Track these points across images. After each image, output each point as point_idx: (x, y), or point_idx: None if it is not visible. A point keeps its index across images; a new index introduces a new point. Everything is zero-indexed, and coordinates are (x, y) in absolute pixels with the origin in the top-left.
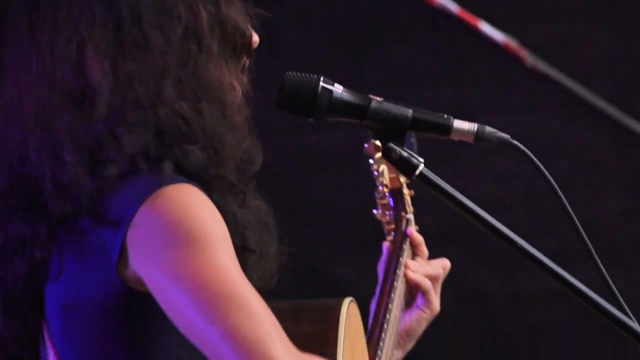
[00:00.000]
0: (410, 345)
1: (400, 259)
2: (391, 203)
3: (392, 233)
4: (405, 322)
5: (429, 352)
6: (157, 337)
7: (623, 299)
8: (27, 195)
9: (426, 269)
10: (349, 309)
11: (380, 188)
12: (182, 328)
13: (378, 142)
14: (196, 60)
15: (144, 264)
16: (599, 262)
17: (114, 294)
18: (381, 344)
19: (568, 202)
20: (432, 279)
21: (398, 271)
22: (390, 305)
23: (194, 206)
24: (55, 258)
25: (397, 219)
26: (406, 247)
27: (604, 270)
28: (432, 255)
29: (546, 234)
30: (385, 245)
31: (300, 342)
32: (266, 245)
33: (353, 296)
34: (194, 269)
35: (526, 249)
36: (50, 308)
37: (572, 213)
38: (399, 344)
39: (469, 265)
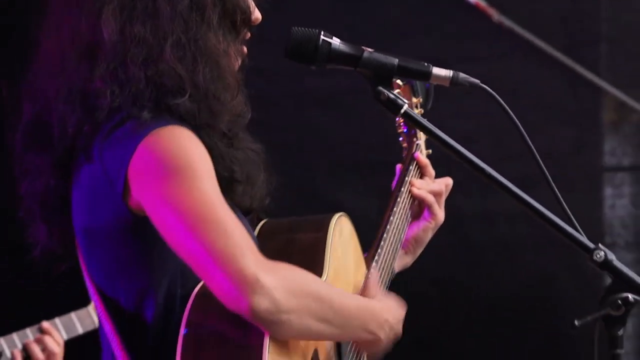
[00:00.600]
0: (419, 250)
1: (406, 178)
2: (404, 130)
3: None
4: (413, 231)
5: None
6: (164, 253)
7: (574, 217)
8: (40, 132)
9: (431, 186)
10: (338, 221)
11: (397, 119)
12: (171, 244)
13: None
14: (197, 29)
15: (143, 192)
16: (553, 186)
17: (123, 219)
18: (379, 250)
19: (528, 136)
20: (436, 194)
21: (402, 189)
22: (392, 218)
23: (183, 145)
24: (74, 187)
25: (409, 143)
26: (412, 168)
27: (558, 193)
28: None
29: (509, 163)
30: (398, 167)
31: (297, 248)
32: (253, 176)
33: (351, 217)
34: (181, 196)
35: (494, 176)
36: (77, 229)
37: (532, 145)
38: (408, 249)
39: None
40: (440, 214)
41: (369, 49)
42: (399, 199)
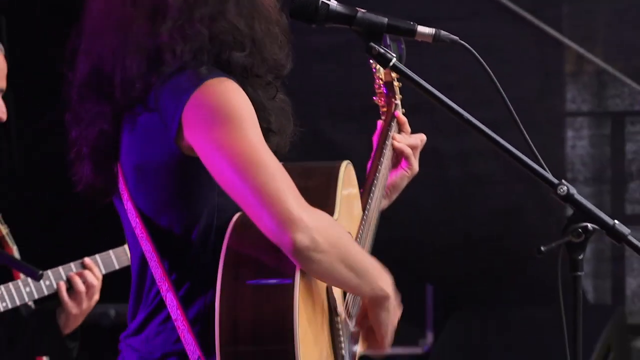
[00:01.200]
0: (394, 195)
1: (389, 132)
2: (384, 91)
3: (384, 114)
4: (391, 178)
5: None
6: (203, 189)
7: (540, 156)
8: (100, 83)
9: (408, 140)
10: (346, 169)
11: (377, 81)
12: (221, 184)
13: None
14: None
15: (195, 136)
16: (522, 128)
17: (173, 158)
18: (372, 194)
19: (499, 85)
20: (413, 147)
21: (387, 142)
22: (380, 167)
23: (232, 95)
24: (128, 131)
25: (389, 103)
26: (394, 124)
27: (525, 135)
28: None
29: (483, 107)
30: (379, 122)
31: (309, 193)
32: (284, 128)
33: (345, 154)
34: (231, 141)
35: (469, 119)
36: (126, 167)
37: (503, 93)
38: (386, 194)
39: (427, 131)
40: (416, 164)
41: (362, 10)
42: (384, 151)
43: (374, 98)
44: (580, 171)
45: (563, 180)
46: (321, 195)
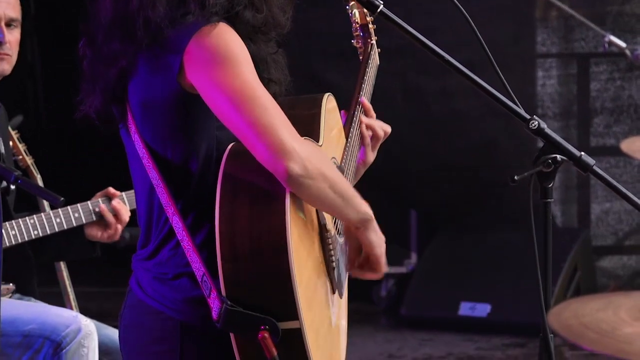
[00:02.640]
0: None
1: (367, 69)
2: (361, 34)
3: (362, 54)
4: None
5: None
6: (202, 124)
7: (513, 93)
8: (124, 25)
9: (375, 128)
10: (327, 100)
11: (354, 25)
12: (221, 118)
13: None
14: None
15: (196, 76)
16: (497, 68)
17: (175, 95)
18: (353, 123)
19: (476, 28)
20: (375, 137)
21: (365, 77)
22: (361, 94)
23: (227, 37)
24: (138, 70)
25: (365, 44)
26: (371, 61)
27: (500, 74)
28: (394, 63)
29: (462, 50)
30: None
31: (295, 123)
32: (282, 78)
33: (339, 96)
34: (228, 79)
35: (450, 60)
36: (133, 103)
37: (479, 36)
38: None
39: (412, 72)
40: (371, 155)
41: None
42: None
43: (352, 41)
44: (550, 107)
45: (534, 116)
46: (307, 125)
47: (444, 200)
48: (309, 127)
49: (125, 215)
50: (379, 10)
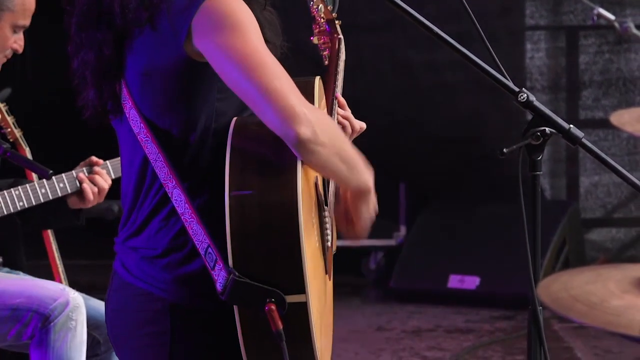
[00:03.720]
0: None
1: (339, 61)
2: (327, 29)
3: (328, 50)
4: None
5: (374, 110)
6: (203, 93)
7: (502, 66)
8: (100, 12)
9: (353, 122)
10: (319, 83)
11: (318, 19)
12: (230, 85)
13: None
14: None
15: (204, 42)
16: (486, 41)
17: (180, 62)
18: (334, 105)
19: (465, 1)
20: (353, 131)
21: (338, 69)
22: (334, 107)
23: (235, 5)
24: (140, 40)
25: (332, 40)
26: (341, 54)
27: (489, 47)
28: (383, 36)
29: (451, 22)
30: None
31: None
32: (275, 39)
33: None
34: (237, 45)
35: (440, 34)
36: (132, 75)
37: (468, 8)
38: None
39: (401, 46)
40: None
41: None
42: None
43: (311, 38)
44: (538, 80)
45: (523, 89)
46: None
47: (433, 173)
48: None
49: (103, 182)
50: None
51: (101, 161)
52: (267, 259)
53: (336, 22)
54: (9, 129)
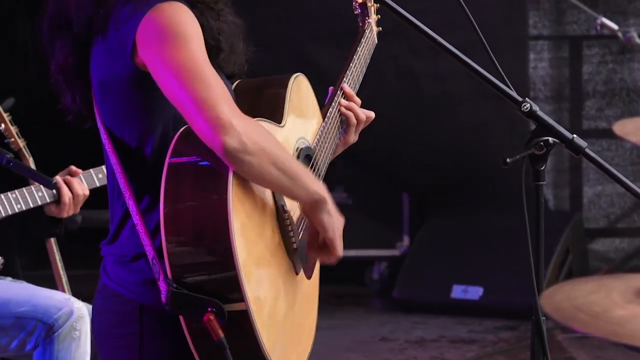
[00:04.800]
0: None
1: (358, 48)
2: (360, 12)
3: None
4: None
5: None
6: (160, 102)
7: (505, 76)
8: (61, 21)
9: (357, 112)
10: (296, 80)
11: (354, 3)
12: (166, 94)
13: None
14: None
15: (146, 52)
16: (489, 51)
17: (131, 74)
18: (333, 104)
19: (469, 11)
20: (358, 120)
21: (355, 57)
22: (345, 79)
23: (178, 15)
24: (96, 49)
25: (362, 22)
26: (365, 40)
27: (492, 57)
28: (386, 46)
29: (454, 32)
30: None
31: (263, 101)
32: (235, 46)
33: (330, 77)
34: (176, 56)
35: (442, 42)
36: (94, 83)
37: (472, 18)
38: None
39: (404, 54)
40: (353, 137)
41: None
42: (351, 65)
43: (358, 21)
44: (541, 90)
45: (526, 98)
46: (270, 105)
47: (436, 183)
48: (273, 108)
49: (79, 188)
50: None
51: (80, 171)
52: (202, 268)
53: (369, 4)
54: (13, 139)
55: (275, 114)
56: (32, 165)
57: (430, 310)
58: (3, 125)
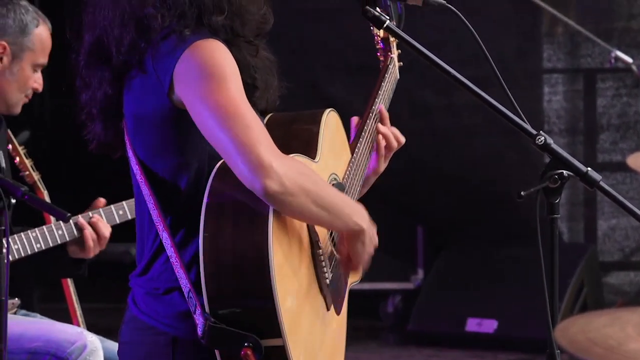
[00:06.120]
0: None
1: (383, 83)
2: (382, 47)
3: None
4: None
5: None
6: (194, 138)
7: (520, 109)
8: (100, 52)
9: (390, 139)
10: (328, 115)
11: (375, 38)
12: (204, 134)
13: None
14: None
15: (184, 90)
16: (504, 84)
17: (166, 110)
18: (361, 139)
19: (483, 44)
20: (389, 146)
21: (380, 92)
22: (370, 115)
23: (217, 54)
24: (132, 83)
25: (385, 57)
26: (388, 75)
27: (507, 90)
28: (400, 79)
29: (468, 65)
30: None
31: (293, 138)
32: (269, 83)
33: (343, 110)
34: (214, 95)
35: (456, 76)
36: (128, 115)
37: (486, 52)
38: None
39: (418, 87)
40: (383, 165)
41: None
42: (377, 100)
43: (378, 54)
44: (556, 123)
45: (541, 131)
46: (305, 141)
47: (451, 216)
48: (306, 143)
49: (104, 228)
50: (385, 25)
51: (103, 200)
52: (241, 304)
53: (391, 39)
54: (27, 172)
55: (309, 149)
56: (47, 198)
57: (445, 344)
58: (18, 159)
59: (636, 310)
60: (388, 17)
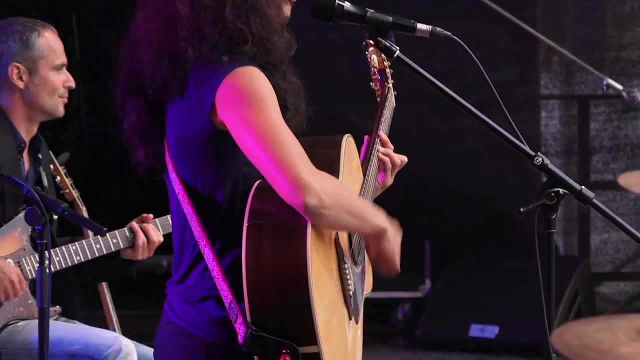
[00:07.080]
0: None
1: (384, 110)
2: (379, 78)
3: (380, 96)
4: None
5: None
6: (231, 159)
7: (519, 132)
8: (135, 83)
9: (392, 155)
10: (347, 140)
11: (372, 69)
12: (247, 154)
13: (370, 41)
14: None
15: (226, 114)
16: (504, 108)
17: (207, 131)
18: (370, 162)
19: (485, 72)
20: (394, 164)
21: (382, 118)
22: (376, 139)
23: (255, 79)
24: (175, 106)
25: (382, 87)
26: (387, 103)
27: (507, 114)
28: (409, 105)
29: (471, 92)
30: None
31: (316, 161)
32: (298, 105)
33: (357, 133)
34: (255, 119)
35: (460, 101)
36: (171, 141)
37: (488, 79)
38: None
39: (425, 113)
40: (390, 179)
41: (371, 10)
42: (380, 126)
43: (371, 84)
44: (552, 145)
45: (538, 153)
46: (326, 163)
47: (456, 231)
48: (328, 166)
49: (154, 235)
50: (395, 55)
51: (151, 216)
52: (281, 314)
53: (387, 70)
54: (67, 190)
55: (331, 170)
56: (85, 214)
57: (451, 348)
58: (59, 178)
59: (626, 317)
60: (397, 48)
